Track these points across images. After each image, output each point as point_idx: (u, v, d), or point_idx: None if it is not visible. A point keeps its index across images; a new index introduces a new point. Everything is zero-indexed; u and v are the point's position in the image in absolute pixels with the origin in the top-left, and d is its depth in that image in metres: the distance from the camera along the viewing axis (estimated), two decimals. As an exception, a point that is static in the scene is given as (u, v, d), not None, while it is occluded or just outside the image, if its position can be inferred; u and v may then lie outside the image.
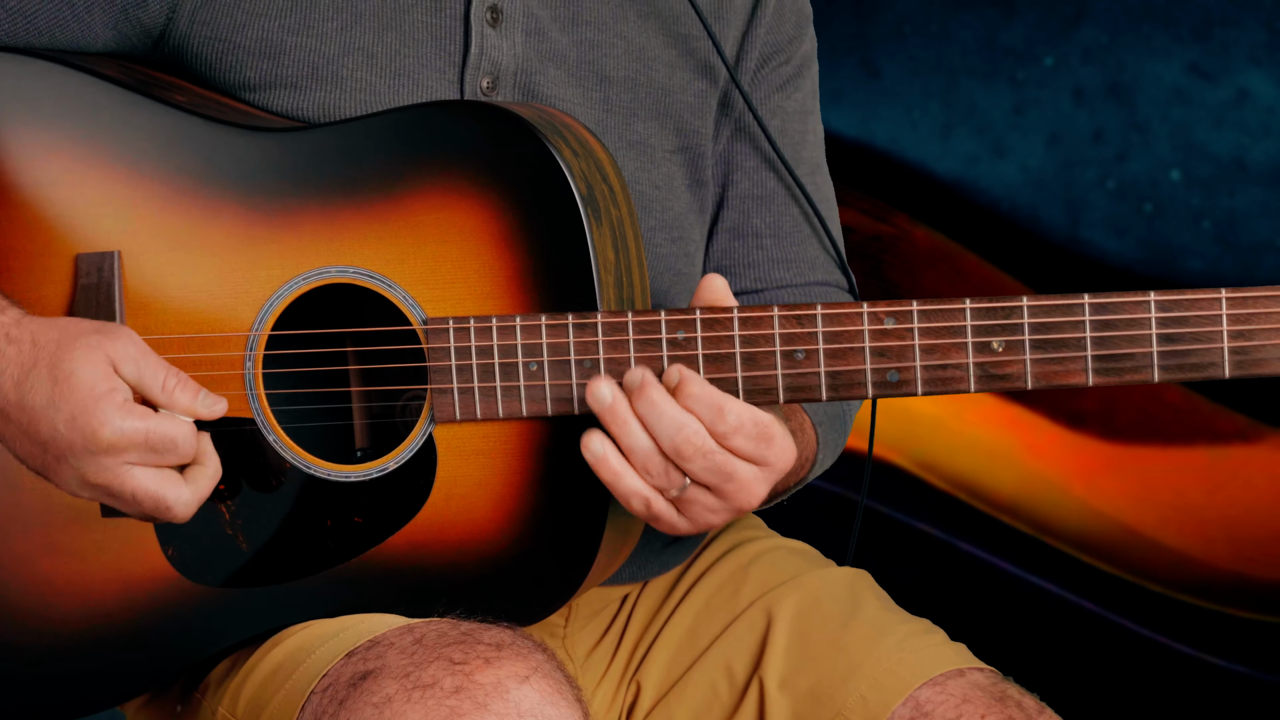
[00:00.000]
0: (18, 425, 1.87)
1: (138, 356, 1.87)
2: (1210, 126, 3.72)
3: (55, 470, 1.88)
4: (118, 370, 1.86)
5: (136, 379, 1.87)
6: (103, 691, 2.01)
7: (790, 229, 2.21)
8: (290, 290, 1.95)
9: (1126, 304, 1.82)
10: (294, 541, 1.97)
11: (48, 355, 1.86)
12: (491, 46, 2.05)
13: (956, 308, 1.84)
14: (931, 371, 1.84)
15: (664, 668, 2.16)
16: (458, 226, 1.91)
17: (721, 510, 1.88)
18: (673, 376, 1.85)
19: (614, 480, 1.86)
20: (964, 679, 2.01)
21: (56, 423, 1.85)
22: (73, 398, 1.84)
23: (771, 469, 1.87)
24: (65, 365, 1.85)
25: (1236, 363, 1.81)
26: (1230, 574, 3.73)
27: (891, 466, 3.83)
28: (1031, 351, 1.83)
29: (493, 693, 1.77)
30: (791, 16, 2.22)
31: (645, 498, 1.86)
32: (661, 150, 2.14)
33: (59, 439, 1.85)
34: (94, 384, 1.85)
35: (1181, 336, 1.81)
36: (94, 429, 1.84)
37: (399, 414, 2.01)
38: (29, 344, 1.87)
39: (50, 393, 1.85)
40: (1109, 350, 1.82)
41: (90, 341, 1.86)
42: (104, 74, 1.98)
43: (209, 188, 1.96)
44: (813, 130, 2.26)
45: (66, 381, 1.85)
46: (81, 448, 1.85)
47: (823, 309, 1.85)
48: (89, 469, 1.86)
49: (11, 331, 1.88)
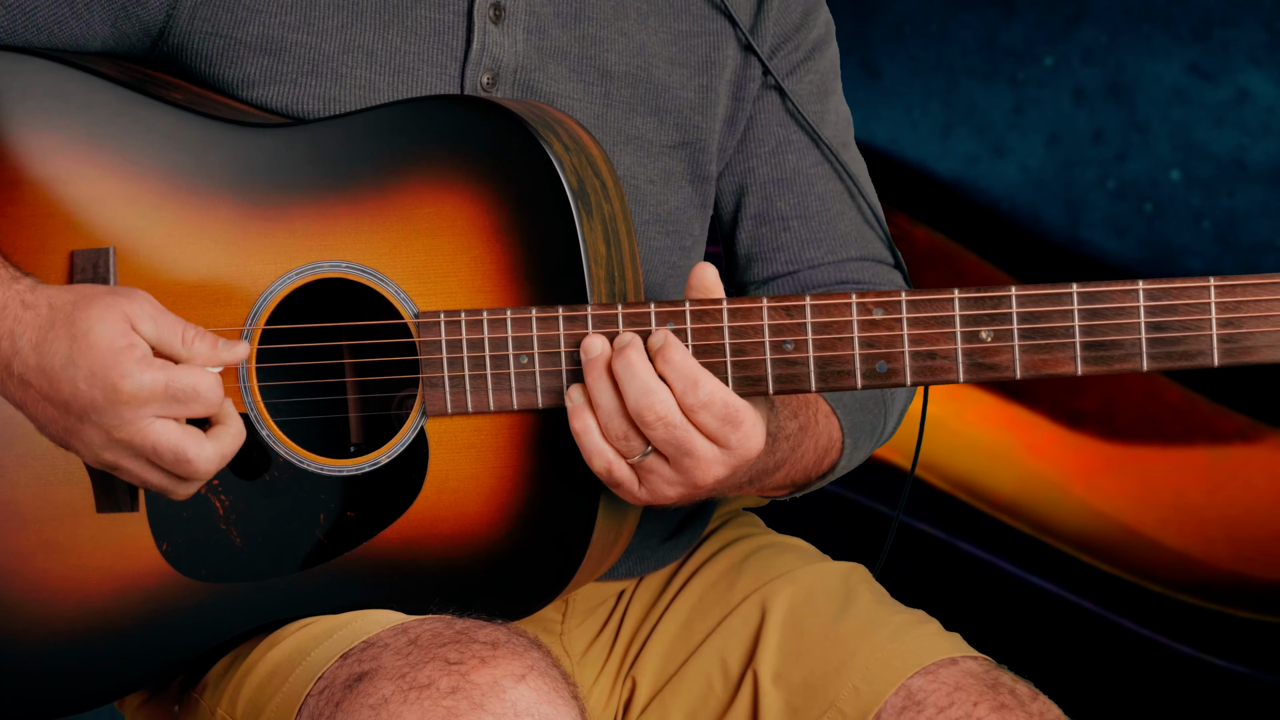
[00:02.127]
0: (38, 390, 1.87)
1: (154, 314, 1.88)
2: (1210, 126, 3.72)
3: (77, 432, 1.88)
4: (135, 327, 1.86)
5: (155, 334, 1.87)
6: (99, 687, 2.01)
7: (817, 209, 2.21)
8: (283, 285, 1.95)
9: (1115, 293, 1.82)
10: (287, 536, 1.97)
11: (64, 315, 1.86)
12: (493, 43, 2.06)
13: (945, 298, 1.84)
14: (920, 361, 1.84)
15: (659, 663, 2.16)
16: (449, 220, 1.92)
17: (677, 484, 1.88)
18: (657, 339, 1.85)
19: (582, 432, 1.86)
20: (956, 667, 2.01)
21: (76, 380, 1.85)
22: (91, 353, 1.85)
23: (733, 453, 1.86)
24: (82, 323, 1.86)
25: (1225, 351, 1.81)
26: (1230, 574, 3.73)
27: (891, 466, 3.83)
28: (1020, 340, 1.83)
29: (489, 692, 1.77)
30: (798, 6, 2.22)
31: (608, 460, 1.86)
32: (660, 145, 2.14)
33: (80, 396, 1.85)
34: (112, 339, 1.85)
35: (1170, 325, 1.81)
36: (114, 382, 1.84)
37: (394, 408, 2.01)
38: (45, 307, 1.88)
39: (69, 351, 1.85)
40: (1098, 339, 1.82)
41: (106, 301, 1.87)
42: (100, 72, 1.98)
43: (204, 184, 1.96)
44: (833, 110, 2.25)
45: (85, 338, 1.85)
46: (103, 402, 1.85)
47: (811, 300, 1.85)
48: (111, 423, 1.85)
49: (27, 297, 1.89)
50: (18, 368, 1.88)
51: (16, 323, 1.88)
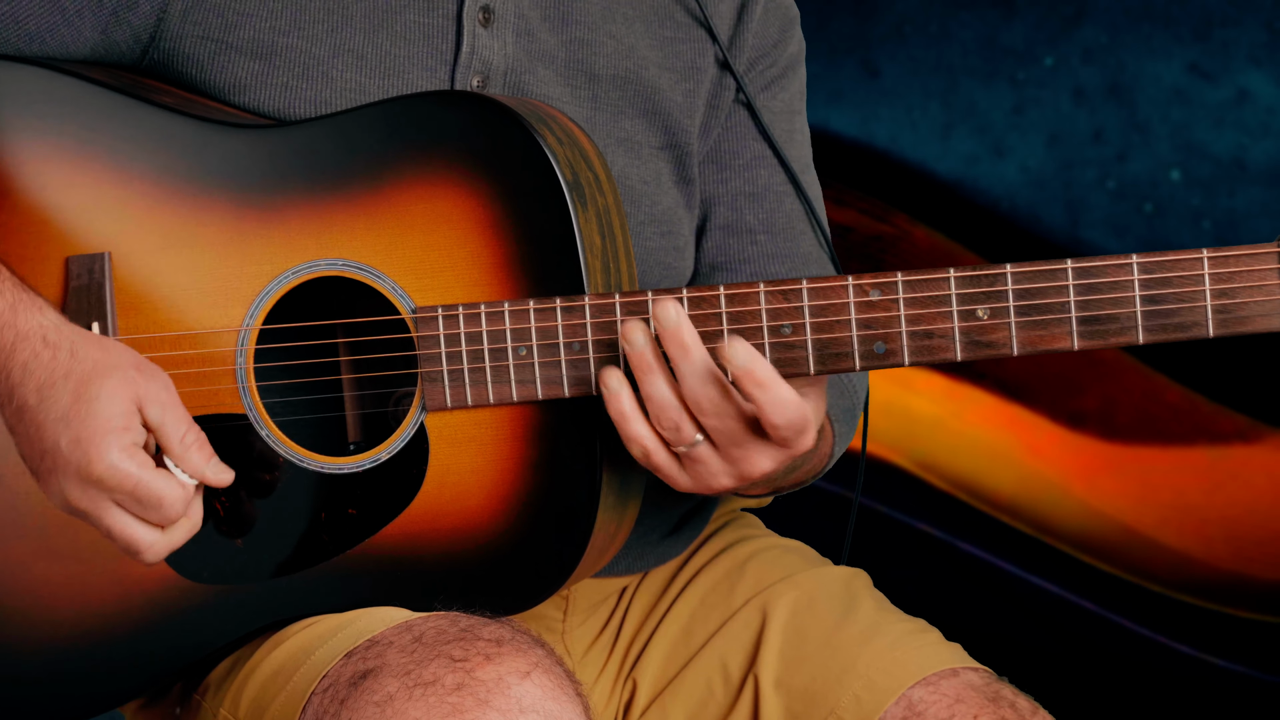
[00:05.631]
0: (29, 426, 1.88)
1: (166, 403, 1.88)
2: (1210, 126, 3.72)
3: (46, 480, 1.88)
4: (142, 408, 1.87)
5: (159, 423, 1.87)
6: (102, 692, 2.01)
7: (784, 225, 2.21)
8: (280, 285, 1.95)
9: (1109, 267, 1.82)
10: (289, 536, 1.97)
11: (81, 372, 1.86)
12: (483, 46, 2.06)
13: (941, 277, 1.84)
14: (918, 341, 1.84)
15: (660, 665, 2.16)
16: (444, 215, 1.92)
17: (724, 475, 1.87)
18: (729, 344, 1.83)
19: (620, 420, 1.86)
20: (957, 679, 2.01)
21: (59, 439, 1.85)
22: (85, 421, 1.85)
23: (789, 451, 1.86)
24: (93, 388, 1.85)
25: (1220, 321, 1.81)
26: (1230, 574, 3.73)
27: (891, 466, 3.83)
28: (1016, 317, 1.84)
29: (494, 689, 1.77)
30: (776, 21, 2.23)
31: (645, 447, 1.86)
32: (649, 147, 2.15)
33: (59, 454, 1.85)
34: (110, 417, 1.85)
35: (1165, 297, 1.82)
36: (90, 458, 1.84)
37: (392, 405, 2.01)
38: (67, 353, 1.88)
39: (67, 409, 1.85)
40: (1093, 313, 1.83)
41: (127, 375, 1.87)
42: (92, 78, 1.98)
43: (198, 186, 1.96)
44: (800, 130, 2.27)
45: (88, 404, 1.85)
46: (74, 471, 1.85)
47: (808, 284, 1.86)
48: (74, 493, 1.86)
49: (50, 336, 1.89)
50: (18, 400, 1.88)
51: (33, 358, 1.88)
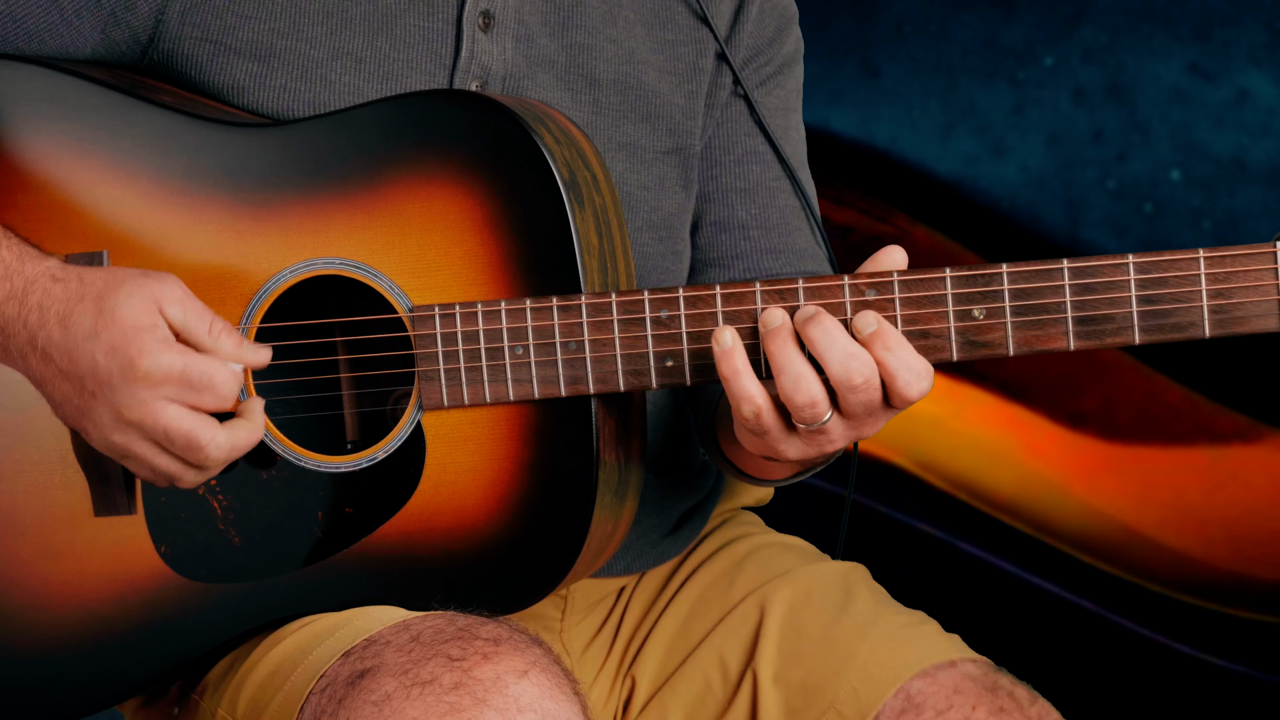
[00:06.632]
0: (58, 364, 1.88)
1: (183, 299, 1.89)
2: (1210, 126, 3.72)
3: (89, 411, 1.88)
4: (163, 310, 1.87)
5: (182, 320, 1.88)
6: (100, 691, 2.01)
7: (777, 220, 2.21)
8: (277, 284, 1.95)
9: (1105, 267, 1.82)
10: (286, 534, 1.97)
11: (94, 291, 1.88)
12: (482, 51, 2.06)
13: (937, 277, 1.84)
14: (914, 340, 1.84)
15: (659, 662, 2.16)
16: (442, 214, 1.92)
17: (843, 440, 1.87)
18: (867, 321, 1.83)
19: (732, 376, 1.84)
20: (955, 670, 2.01)
21: (96, 353, 1.86)
22: (114, 328, 1.86)
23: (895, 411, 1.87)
24: (110, 299, 1.87)
25: (1216, 321, 1.81)
26: (1230, 574, 3.73)
27: (891, 466, 3.83)
28: (1012, 317, 1.84)
29: (492, 688, 1.77)
30: (773, 20, 2.23)
31: (758, 405, 1.85)
32: (652, 151, 2.15)
33: (97, 371, 1.86)
34: (137, 318, 1.86)
35: (1161, 297, 1.82)
36: (132, 358, 1.85)
37: (390, 405, 2.01)
38: (75, 281, 1.89)
39: (93, 324, 1.86)
40: (1089, 313, 1.83)
41: (137, 281, 1.88)
42: (92, 76, 1.99)
43: (196, 185, 1.97)
44: (795, 128, 2.27)
45: (110, 313, 1.86)
46: (119, 378, 1.85)
47: (804, 283, 1.86)
48: (124, 401, 1.86)
49: (57, 273, 1.90)
50: (42, 341, 1.89)
51: (45, 295, 1.89)
